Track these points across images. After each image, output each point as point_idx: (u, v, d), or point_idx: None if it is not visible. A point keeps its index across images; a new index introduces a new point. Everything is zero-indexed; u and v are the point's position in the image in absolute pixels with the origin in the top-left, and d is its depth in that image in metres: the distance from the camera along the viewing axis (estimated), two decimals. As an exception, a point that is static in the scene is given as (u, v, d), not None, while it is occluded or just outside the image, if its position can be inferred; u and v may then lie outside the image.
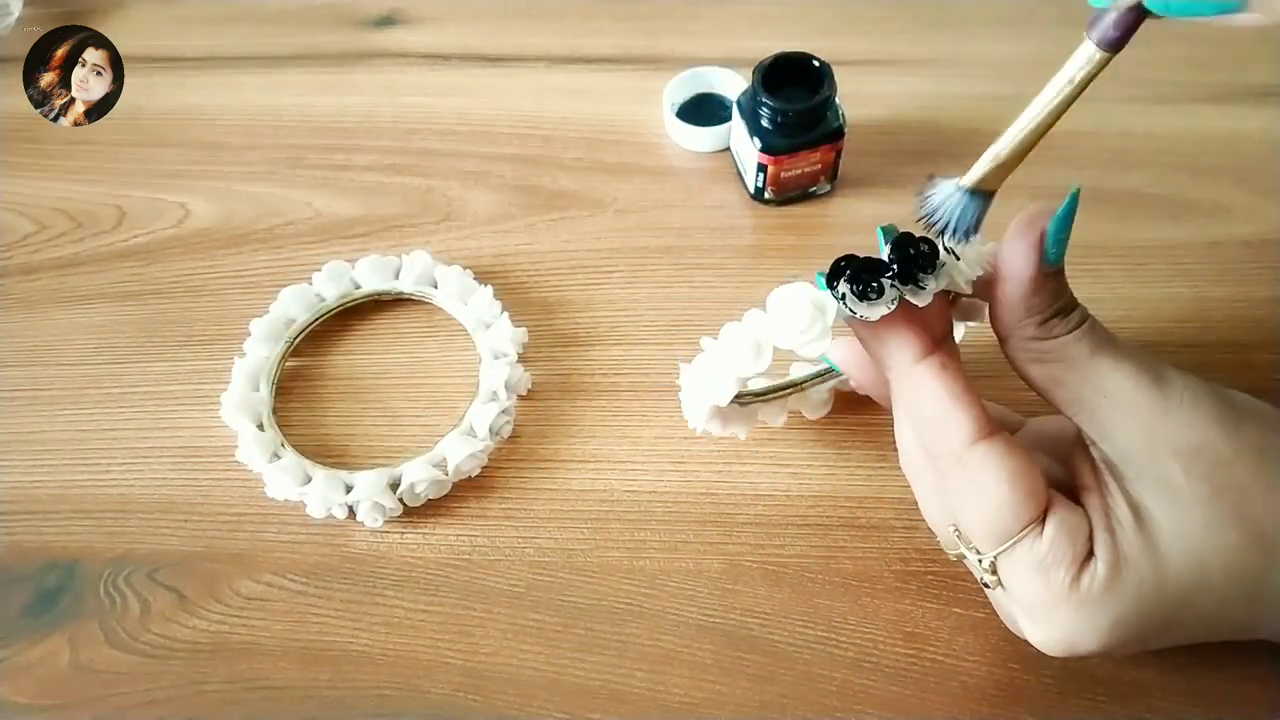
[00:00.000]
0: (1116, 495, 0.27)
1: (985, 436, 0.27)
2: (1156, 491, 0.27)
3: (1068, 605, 0.27)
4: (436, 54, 0.54)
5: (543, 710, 0.34)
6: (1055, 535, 0.27)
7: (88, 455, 0.40)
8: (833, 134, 0.43)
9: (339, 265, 0.43)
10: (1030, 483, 0.27)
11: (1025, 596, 0.28)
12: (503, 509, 0.38)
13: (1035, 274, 0.27)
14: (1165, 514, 0.27)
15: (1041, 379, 0.28)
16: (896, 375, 0.28)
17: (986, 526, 0.27)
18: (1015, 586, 0.28)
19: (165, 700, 0.34)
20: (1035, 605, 0.28)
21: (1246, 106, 0.48)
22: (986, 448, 0.27)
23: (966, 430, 0.27)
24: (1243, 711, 0.33)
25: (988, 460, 0.27)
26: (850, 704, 0.33)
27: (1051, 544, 0.27)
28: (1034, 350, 0.28)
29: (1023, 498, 0.27)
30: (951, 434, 0.27)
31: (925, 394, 0.28)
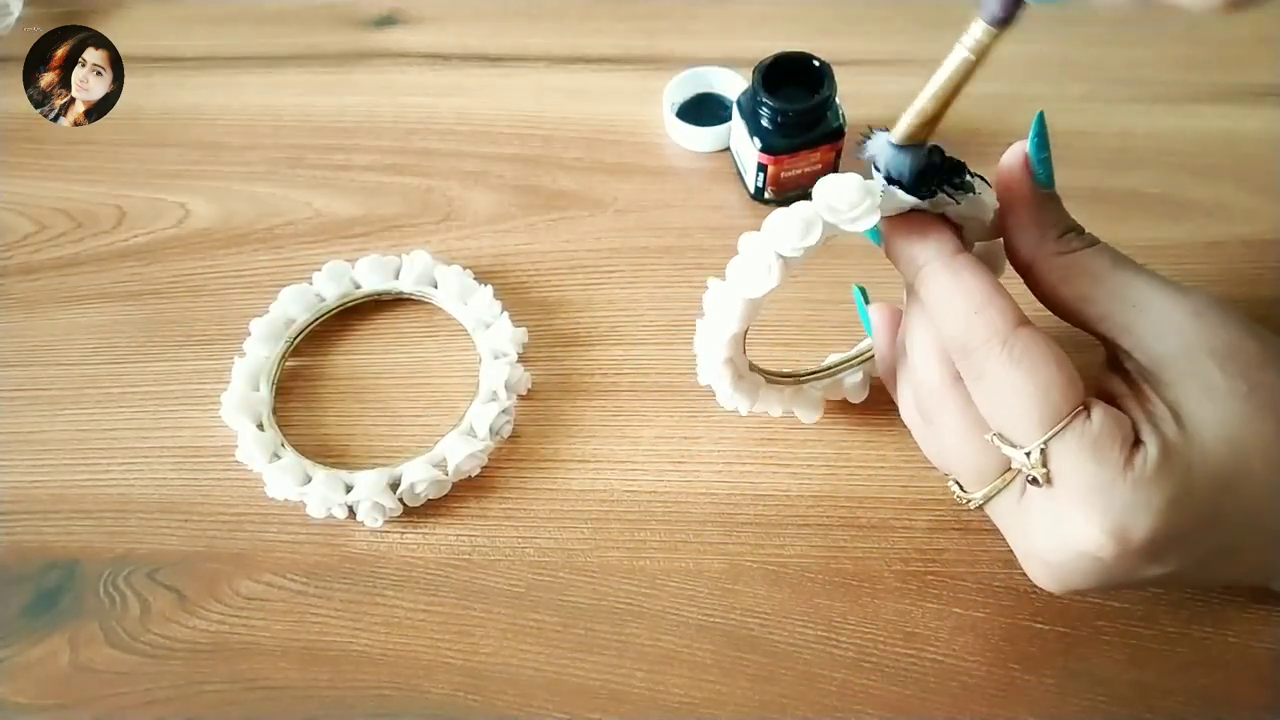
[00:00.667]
0: (1155, 399, 0.28)
1: (1025, 322, 0.28)
2: (1194, 390, 0.27)
3: (1125, 484, 0.26)
4: (436, 54, 0.54)
5: (543, 710, 0.34)
6: (1104, 416, 0.27)
7: (88, 455, 0.40)
8: (833, 134, 0.43)
9: (339, 265, 0.43)
10: (1073, 369, 0.27)
11: (1080, 480, 0.27)
12: (503, 509, 0.38)
13: (1033, 193, 0.29)
14: (1205, 410, 0.27)
15: (1071, 298, 0.29)
16: (935, 268, 0.29)
17: (1038, 409, 0.27)
18: (1068, 472, 0.27)
19: (165, 700, 0.34)
20: (1091, 488, 0.27)
21: (1246, 106, 0.48)
22: (1030, 332, 0.27)
23: (1012, 313, 0.28)
24: (1243, 711, 0.33)
25: (1034, 342, 0.27)
26: (850, 704, 0.33)
27: (1102, 424, 0.27)
28: (1059, 269, 0.29)
29: (1070, 378, 0.27)
30: (996, 318, 0.27)
31: (968, 283, 0.28)
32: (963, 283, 0.28)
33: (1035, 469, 0.27)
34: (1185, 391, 0.27)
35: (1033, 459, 0.27)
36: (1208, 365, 0.27)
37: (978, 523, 0.36)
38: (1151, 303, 0.28)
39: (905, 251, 0.30)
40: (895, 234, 0.30)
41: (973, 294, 0.28)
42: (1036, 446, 0.27)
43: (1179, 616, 0.34)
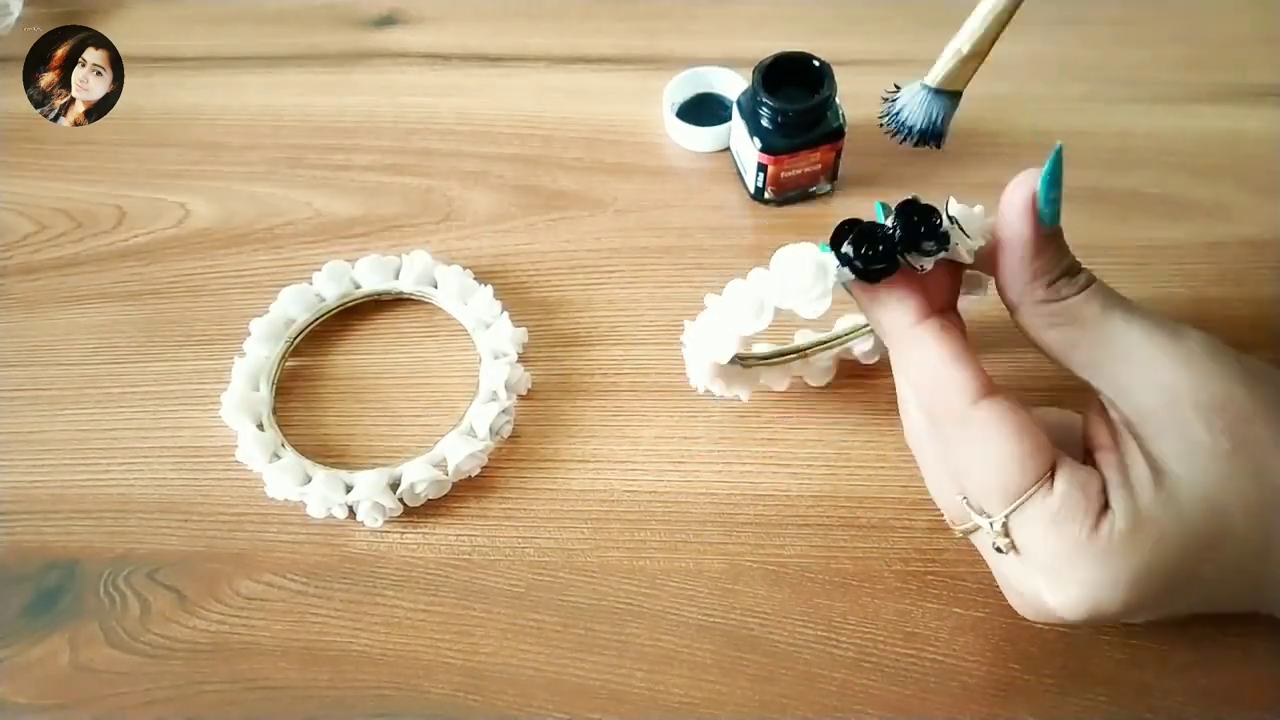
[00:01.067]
0: (1135, 454, 0.27)
1: (988, 395, 0.27)
2: (1177, 447, 0.27)
3: (1088, 557, 0.26)
4: (436, 54, 0.54)
5: (543, 710, 0.34)
6: (1067, 488, 0.26)
7: (88, 455, 0.40)
8: (833, 134, 0.43)
9: (339, 265, 0.43)
10: (1035, 438, 0.27)
11: (1043, 554, 0.27)
12: (503, 509, 0.38)
13: (1033, 236, 0.28)
14: (1186, 469, 0.26)
15: (1056, 344, 0.28)
16: (896, 337, 0.29)
17: (995, 484, 0.27)
18: (1031, 545, 0.27)
19: (165, 700, 0.34)
20: (1054, 562, 0.27)
21: (1246, 106, 0.48)
22: (989, 405, 0.27)
23: (969, 388, 0.27)
24: (1243, 711, 0.33)
25: (991, 417, 0.27)
26: (850, 704, 0.33)
27: (1064, 496, 0.26)
28: (1046, 315, 0.28)
29: (1029, 452, 0.27)
30: (953, 393, 0.27)
31: (926, 354, 0.28)
32: (923, 355, 0.28)
33: (998, 538, 0.28)
34: (1168, 448, 0.27)
35: (995, 529, 0.28)
36: (1193, 421, 0.26)
37: (978, 523, 0.37)
38: (1140, 352, 0.27)
39: (870, 316, 0.29)
40: (861, 297, 0.29)
41: (933, 368, 0.28)
42: (998, 520, 0.27)
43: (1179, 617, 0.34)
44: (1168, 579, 0.27)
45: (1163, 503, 0.26)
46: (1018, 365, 0.39)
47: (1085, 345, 0.28)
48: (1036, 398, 0.37)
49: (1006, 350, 0.40)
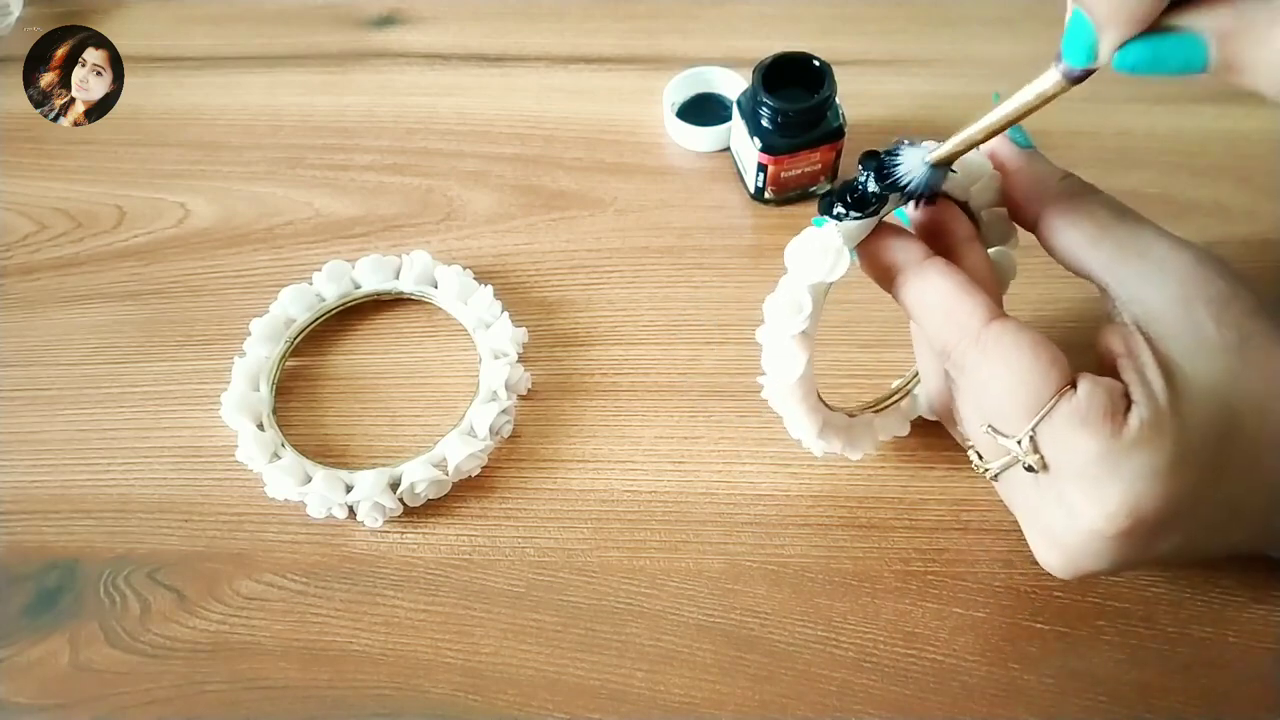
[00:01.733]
0: (1147, 354, 0.27)
1: (998, 316, 0.28)
2: (1187, 344, 0.27)
3: (1120, 452, 0.26)
4: (436, 54, 0.54)
5: (543, 710, 0.34)
6: (1090, 389, 0.27)
7: (88, 455, 0.40)
8: (833, 134, 0.43)
9: (339, 265, 0.43)
10: (1051, 349, 0.27)
11: (1076, 459, 0.27)
12: (503, 509, 0.38)
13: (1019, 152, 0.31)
14: (1197, 364, 0.27)
15: (1077, 242, 0.29)
16: (905, 277, 0.29)
17: (1020, 397, 0.27)
18: (1063, 453, 0.27)
19: (165, 700, 0.34)
20: (1087, 466, 0.27)
21: (1246, 106, 0.48)
22: (1002, 324, 0.28)
23: (978, 312, 0.28)
24: (1243, 711, 0.33)
25: (1005, 334, 0.27)
26: (850, 704, 0.33)
27: (1089, 397, 0.26)
28: (1064, 213, 0.30)
29: (1047, 362, 0.27)
30: (965, 318, 0.28)
31: (935, 286, 0.29)
32: (931, 287, 0.29)
33: (1028, 456, 0.28)
34: (1179, 344, 0.27)
35: (1024, 447, 0.27)
36: (1202, 316, 0.27)
37: (977, 523, 0.37)
38: (1154, 249, 0.29)
39: (879, 268, 0.30)
40: (866, 257, 0.30)
41: (942, 297, 0.29)
42: (1025, 434, 0.27)
43: (1179, 616, 0.34)
44: (1198, 469, 0.27)
45: (1177, 395, 0.27)
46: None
47: (1104, 244, 0.29)
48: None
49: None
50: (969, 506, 0.37)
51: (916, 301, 0.29)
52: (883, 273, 0.30)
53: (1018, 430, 0.28)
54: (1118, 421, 0.26)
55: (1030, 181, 0.31)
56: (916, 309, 0.29)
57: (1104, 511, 0.27)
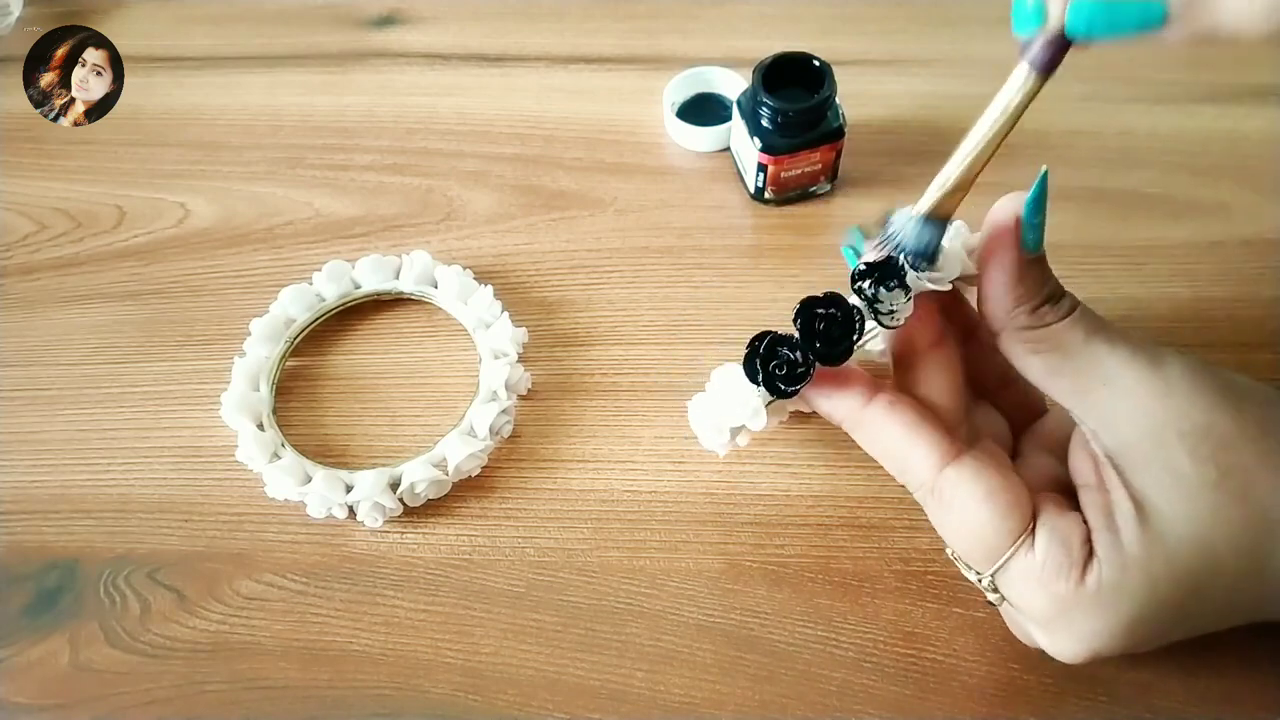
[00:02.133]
0: (1119, 490, 0.27)
1: (952, 460, 0.27)
2: (1161, 480, 0.26)
3: (1078, 611, 0.26)
4: (436, 54, 0.54)
5: (543, 710, 0.34)
6: (1048, 545, 0.26)
7: (88, 455, 0.40)
8: (833, 134, 0.43)
9: (339, 265, 0.43)
10: (1009, 496, 0.27)
11: (1033, 610, 0.27)
12: (503, 509, 0.38)
13: (1017, 261, 0.27)
14: (1171, 503, 0.26)
15: (1040, 371, 0.28)
16: (849, 426, 0.29)
17: (975, 549, 0.27)
18: (1020, 602, 0.28)
19: (165, 700, 0.34)
20: (1045, 617, 0.27)
21: (1246, 106, 0.48)
22: (955, 472, 0.27)
23: (930, 459, 0.27)
24: (1243, 711, 0.33)
25: (959, 484, 0.27)
26: (850, 704, 0.33)
27: (1046, 554, 0.26)
28: (1029, 341, 0.28)
29: (1003, 514, 0.27)
30: (916, 466, 0.28)
31: (879, 435, 0.28)
32: (877, 436, 0.29)
33: (990, 593, 0.28)
34: (1152, 481, 0.26)
35: (985, 584, 0.28)
36: (1177, 450, 0.26)
37: (978, 523, 0.36)
38: (1121, 380, 0.27)
39: (821, 409, 0.30)
40: (811, 397, 0.30)
41: (891, 447, 0.28)
42: (987, 576, 0.28)
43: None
44: (1162, 619, 0.26)
45: (1149, 542, 0.26)
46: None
47: (1068, 372, 0.28)
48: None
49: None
50: (969, 506, 0.37)
51: (869, 448, 0.29)
52: (825, 415, 0.30)
53: (980, 569, 0.28)
54: (1076, 577, 0.26)
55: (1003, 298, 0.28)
56: (871, 453, 0.29)
57: (1061, 652, 0.28)
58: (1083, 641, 0.27)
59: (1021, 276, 0.28)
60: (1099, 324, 0.28)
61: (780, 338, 0.28)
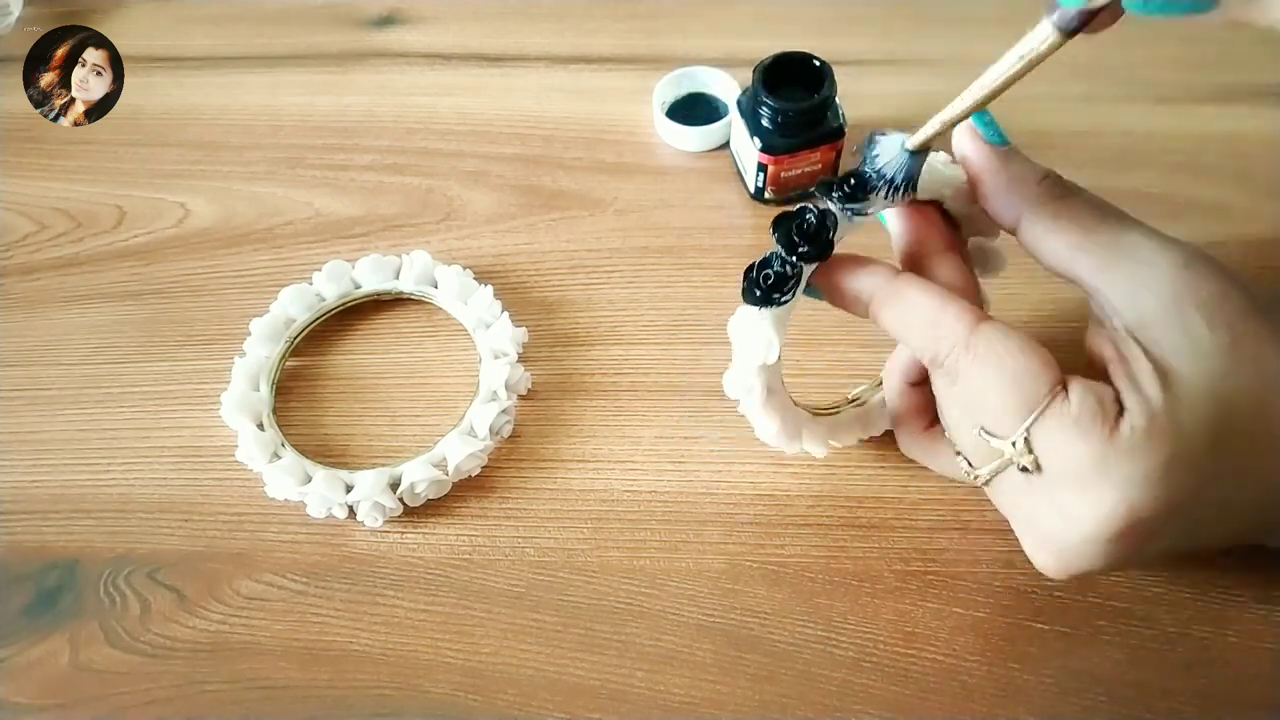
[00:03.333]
0: (1140, 359, 0.27)
1: (984, 319, 0.28)
2: (1180, 344, 0.27)
3: (1114, 457, 0.26)
4: (436, 54, 0.54)
5: (543, 710, 0.34)
6: (1083, 394, 0.27)
7: (88, 455, 0.40)
8: (833, 134, 0.43)
9: (339, 265, 0.43)
10: (1041, 352, 0.27)
11: (1069, 462, 0.27)
12: (503, 509, 0.38)
13: (993, 152, 0.29)
14: (1190, 364, 0.27)
15: (1064, 250, 0.29)
16: (879, 301, 0.29)
17: (1012, 400, 0.27)
18: (1056, 457, 0.27)
19: (165, 700, 0.34)
20: (1081, 469, 0.27)
21: (1246, 106, 0.48)
22: (991, 327, 0.28)
23: (965, 316, 0.28)
24: (1243, 711, 0.33)
25: (995, 337, 0.27)
26: (850, 704, 0.33)
27: (1081, 400, 0.27)
28: (1046, 218, 0.29)
29: (1040, 364, 0.27)
30: (952, 325, 0.28)
31: (914, 300, 0.29)
32: (911, 303, 0.29)
33: (1023, 457, 0.28)
34: (1172, 347, 0.27)
35: (1018, 448, 0.27)
36: (1194, 318, 0.27)
37: (977, 523, 0.36)
38: (1139, 251, 0.28)
39: (848, 297, 0.30)
40: (830, 285, 0.30)
41: (924, 310, 0.28)
42: (1019, 435, 0.27)
43: (1179, 616, 0.34)
44: (1193, 472, 0.27)
45: (1173, 399, 0.26)
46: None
47: (1091, 248, 0.28)
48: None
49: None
50: (969, 506, 0.37)
51: (897, 321, 0.29)
52: (852, 303, 0.30)
53: (1011, 431, 0.28)
54: (1110, 426, 0.26)
55: (1006, 186, 0.30)
56: (898, 328, 0.29)
57: (1097, 515, 0.27)
58: (1120, 492, 0.26)
59: (1006, 163, 0.29)
60: (1106, 204, 0.29)
61: (766, 258, 0.30)
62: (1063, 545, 0.28)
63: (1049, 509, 0.28)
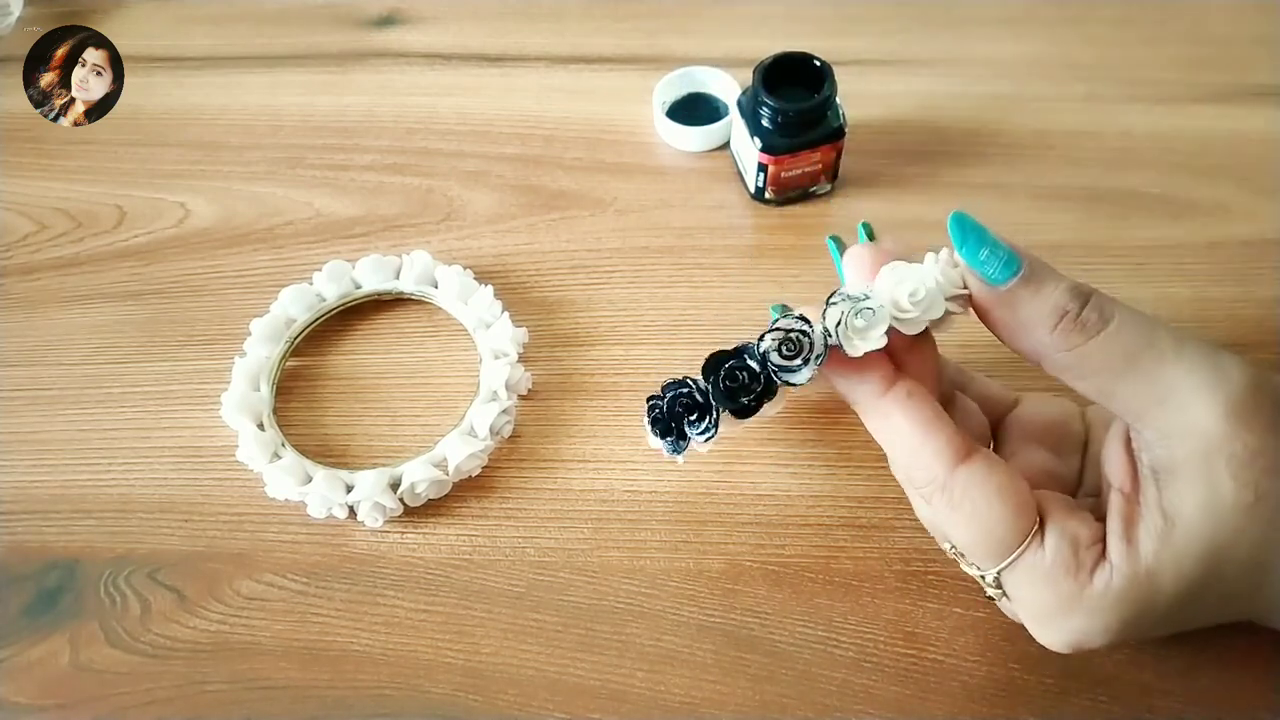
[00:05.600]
0: (1152, 505, 0.26)
1: (965, 459, 0.27)
2: (1201, 497, 0.26)
3: (1078, 610, 0.26)
4: (437, 54, 0.54)
5: (543, 710, 0.34)
6: (1058, 544, 0.27)
7: (88, 455, 0.40)
8: (833, 134, 0.43)
9: (339, 265, 0.43)
10: (1020, 496, 0.27)
11: (1034, 606, 0.27)
12: (503, 509, 0.38)
13: (997, 297, 0.27)
14: (1202, 521, 0.26)
15: (1092, 393, 0.27)
16: (865, 410, 0.29)
17: (984, 547, 0.27)
18: (1023, 598, 0.28)
19: (166, 700, 0.34)
20: (1044, 613, 0.27)
21: (1247, 106, 0.48)
22: (968, 471, 0.27)
23: (944, 454, 0.27)
24: (1243, 711, 0.33)
25: (972, 483, 0.27)
26: (850, 704, 0.33)
27: (1055, 553, 0.26)
28: (1071, 365, 0.27)
29: (1014, 513, 0.27)
30: (930, 463, 0.27)
31: (898, 424, 0.28)
32: (895, 425, 0.28)
33: (991, 589, 0.28)
34: (1190, 498, 0.26)
35: (988, 581, 0.28)
36: (1221, 474, 0.25)
37: (978, 523, 0.36)
38: (1177, 396, 0.26)
39: (840, 389, 0.29)
40: (831, 377, 0.29)
41: (906, 439, 0.27)
42: (991, 574, 0.28)
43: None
44: (1152, 623, 0.27)
45: (1165, 558, 0.26)
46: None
47: (1121, 394, 0.27)
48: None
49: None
50: (969, 506, 0.37)
51: (879, 436, 0.29)
52: (842, 393, 0.29)
53: (983, 568, 0.28)
54: (1081, 579, 0.26)
55: (1018, 332, 0.27)
56: (880, 439, 0.29)
57: (1049, 642, 0.28)
58: (1072, 635, 0.27)
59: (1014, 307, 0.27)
60: (1145, 332, 0.26)
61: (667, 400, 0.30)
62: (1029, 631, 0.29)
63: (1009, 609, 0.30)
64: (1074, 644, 0.27)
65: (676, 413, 0.29)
